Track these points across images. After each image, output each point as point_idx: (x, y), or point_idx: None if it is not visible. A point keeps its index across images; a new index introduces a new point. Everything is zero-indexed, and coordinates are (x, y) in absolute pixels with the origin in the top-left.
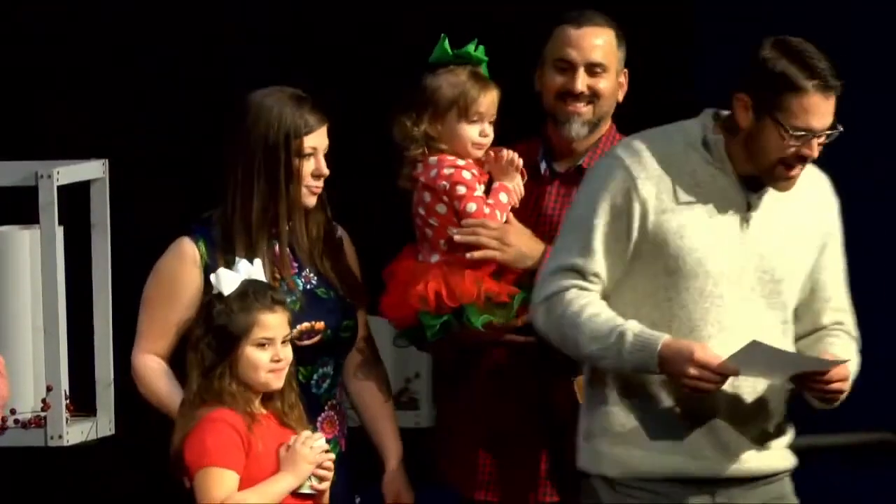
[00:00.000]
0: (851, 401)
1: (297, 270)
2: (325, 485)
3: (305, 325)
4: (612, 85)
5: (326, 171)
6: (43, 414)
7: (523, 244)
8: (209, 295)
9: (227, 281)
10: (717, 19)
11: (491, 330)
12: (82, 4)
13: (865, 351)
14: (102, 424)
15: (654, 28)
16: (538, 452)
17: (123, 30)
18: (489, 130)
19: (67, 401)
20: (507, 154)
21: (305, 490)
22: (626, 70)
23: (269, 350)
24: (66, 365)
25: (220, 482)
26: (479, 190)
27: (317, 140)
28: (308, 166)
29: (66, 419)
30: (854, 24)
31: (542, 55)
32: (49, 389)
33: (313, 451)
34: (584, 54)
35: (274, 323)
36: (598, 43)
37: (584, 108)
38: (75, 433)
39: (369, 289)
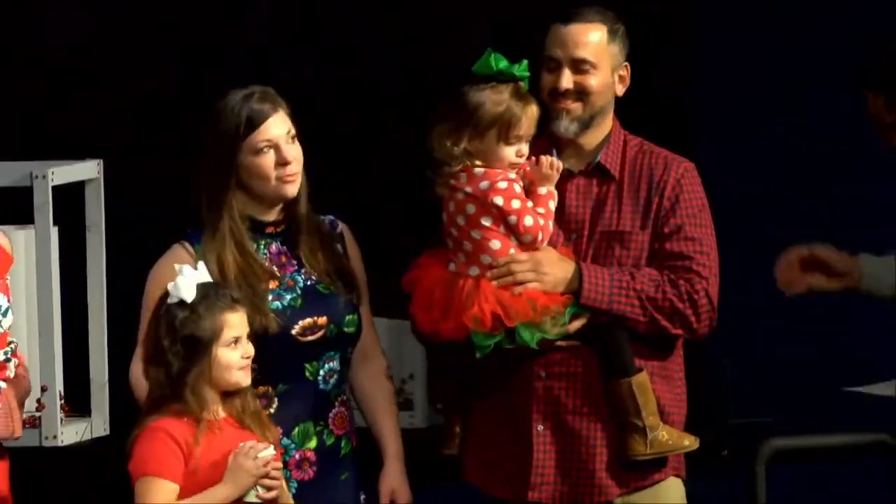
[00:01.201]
0: (850, 402)
1: (296, 268)
2: (273, 493)
3: (308, 320)
4: (604, 81)
5: (290, 158)
6: (38, 414)
7: (558, 269)
8: (165, 306)
9: (186, 287)
10: (717, 19)
11: (544, 345)
12: (79, 5)
13: (867, 354)
14: (97, 425)
15: (654, 27)
16: (592, 452)
17: (119, 30)
18: (525, 150)
19: (62, 401)
20: (549, 160)
21: (251, 499)
22: (626, 64)
23: (239, 348)
24: (61, 365)
25: (158, 492)
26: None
27: (272, 130)
28: (269, 159)
29: (61, 419)
30: (854, 24)
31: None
32: (44, 390)
33: (256, 463)
34: (567, 51)
35: (238, 321)
36: (585, 40)
37: (573, 105)
38: (70, 433)
39: (379, 288)
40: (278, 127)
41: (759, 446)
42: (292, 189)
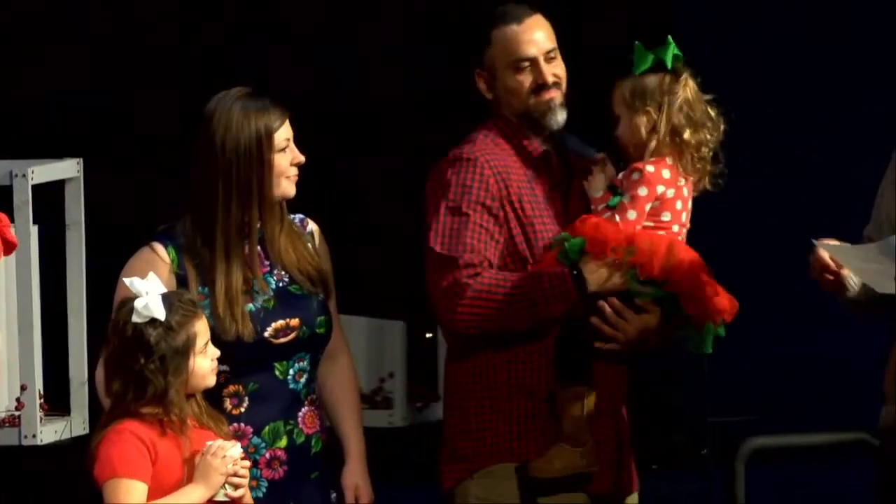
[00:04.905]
0: (829, 401)
1: (268, 269)
2: (241, 492)
3: (280, 322)
4: (563, 65)
5: (303, 158)
6: (17, 413)
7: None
8: (129, 325)
9: (156, 305)
10: (696, 18)
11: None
12: (59, 4)
13: (845, 353)
14: (76, 423)
15: (636, 26)
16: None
17: (99, 30)
18: None
19: (41, 400)
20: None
21: (220, 498)
22: None
23: (209, 352)
24: (41, 364)
25: (130, 493)
26: None
27: (287, 131)
28: (286, 158)
29: (41, 418)
30: (852, 23)
31: (484, 62)
32: (23, 388)
33: (224, 462)
34: (539, 46)
35: (204, 326)
36: (547, 30)
37: (556, 93)
38: (49, 432)
39: (358, 287)
40: (289, 128)
41: (739, 445)
42: (294, 190)
